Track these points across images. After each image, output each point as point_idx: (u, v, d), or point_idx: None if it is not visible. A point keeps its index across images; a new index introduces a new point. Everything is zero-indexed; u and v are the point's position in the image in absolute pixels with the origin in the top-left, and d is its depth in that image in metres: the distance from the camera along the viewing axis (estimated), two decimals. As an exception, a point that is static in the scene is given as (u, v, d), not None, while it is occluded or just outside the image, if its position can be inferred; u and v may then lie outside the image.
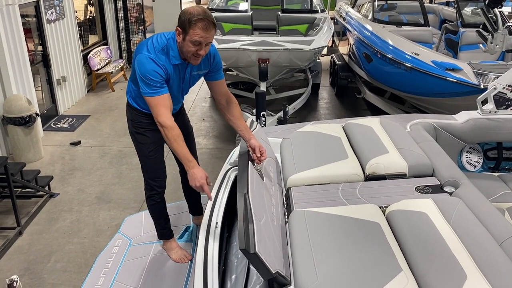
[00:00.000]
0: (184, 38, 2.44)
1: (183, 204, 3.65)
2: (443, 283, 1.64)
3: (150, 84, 2.49)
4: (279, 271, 1.80)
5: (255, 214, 1.92)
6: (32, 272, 3.59)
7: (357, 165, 2.69)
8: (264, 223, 1.99)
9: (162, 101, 2.51)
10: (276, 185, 2.57)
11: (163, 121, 2.48)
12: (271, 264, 1.77)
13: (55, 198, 4.67)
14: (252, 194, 2.07)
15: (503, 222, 2.10)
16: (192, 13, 2.37)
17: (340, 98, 8.08)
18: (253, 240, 1.75)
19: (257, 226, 1.87)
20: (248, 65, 5.96)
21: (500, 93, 3.42)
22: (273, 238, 1.99)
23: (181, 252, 3.16)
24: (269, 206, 2.22)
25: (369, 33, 6.58)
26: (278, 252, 1.94)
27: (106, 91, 8.21)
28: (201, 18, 2.37)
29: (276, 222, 2.17)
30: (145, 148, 2.92)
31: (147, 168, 3.00)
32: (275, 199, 2.38)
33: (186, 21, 2.38)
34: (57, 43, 6.89)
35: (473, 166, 3.61)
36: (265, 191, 2.33)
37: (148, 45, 2.53)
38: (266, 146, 2.90)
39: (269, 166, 2.68)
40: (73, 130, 6.46)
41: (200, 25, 2.38)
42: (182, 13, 2.45)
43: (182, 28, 2.43)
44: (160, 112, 2.50)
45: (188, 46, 2.45)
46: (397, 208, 2.15)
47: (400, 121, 3.37)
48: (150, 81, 2.48)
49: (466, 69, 4.98)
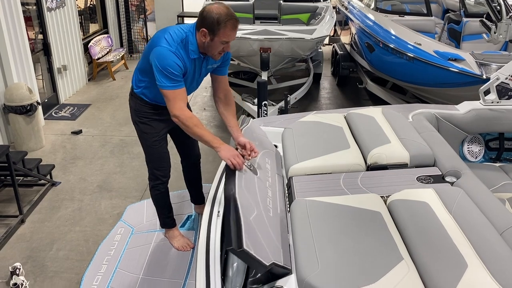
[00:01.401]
0: (212, 39, 2.46)
1: (185, 193, 3.66)
2: (444, 272, 1.65)
3: (170, 77, 2.47)
4: (275, 262, 1.81)
5: (243, 213, 1.92)
6: (34, 260, 3.61)
7: (359, 154, 2.70)
8: (256, 217, 1.99)
9: (180, 95, 2.51)
10: (275, 176, 2.57)
11: (181, 113, 2.48)
12: (264, 257, 1.77)
13: (57, 186, 4.69)
14: (240, 192, 2.08)
15: (504, 212, 2.10)
16: (220, 14, 2.38)
17: (342, 88, 8.06)
18: (240, 238, 1.76)
19: (246, 223, 1.87)
20: (250, 54, 5.93)
21: (502, 84, 3.41)
22: (268, 230, 1.99)
23: (183, 240, 3.18)
24: (263, 199, 2.22)
25: (371, 23, 6.54)
26: (274, 243, 1.94)
27: (107, 80, 8.19)
28: (230, 18, 2.41)
29: (272, 213, 2.17)
30: (149, 138, 2.92)
31: (151, 157, 3.01)
32: (273, 190, 2.37)
33: (215, 22, 2.39)
34: (58, 31, 6.85)
35: (474, 157, 3.62)
36: (259, 184, 2.31)
37: (166, 37, 2.49)
38: (263, 138, 2.90)
39: (265, 158, 2.67)
40: (74, 119, 6.46)
41: (230, 26, 2.42)
42: (206, 13, 2.42)
43: (210, 30, 2.43)
44: (177, 105, 2.49)
45: (216, 46, 2.49)
46: (399, 198, 2.16)
47: (402, 111, 3.37)
48: (171, 74, 2.46)
49: (469, 59, 4.96)
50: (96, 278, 2.93)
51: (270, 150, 2.82)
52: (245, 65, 6.80)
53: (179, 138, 2.92)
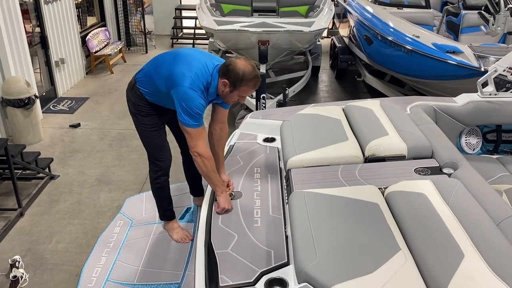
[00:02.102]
0: (231, 91, 2.51)
1: (184, 185, 3.67)
2: (440, 262, 1.67)
3: (195, 117, 2.52)
4: (263, 271, 1.87)
5: (217, 254, 2.00)
6: (34, 252, 3.63)
7: (356, 147, 2.70)
8: (236, 243, 2.07)
9: (202, 133, 2.58)
10: (267, 178, 2.62)
11: (202, 151, 2.56)
12: (247, 275, 1.85)
13: (56, 180, 4.69)
14: (216, 232, 2.16)
15: (500, 203, 2.12)
16: (245, 72, 2.43)
17: (340, 81, 8.05)
18: (216, 278, 1.86)
19: (222, 259, 1.96)
20: (248, 47, 5.92)
21: (500, 76, 3.42)
22: (253, 244, 2.06)
23: (182, 232, 3.20)
24: (249, 215, 2.28)
25: (370, 15, 6.52)
26: (261, 252, 2.00)
27: (105, 73, 8.17)
28: (253, 78, 2.46)
29: (261, 222, 2.22)
30: (148, 129, 2.92)
31: (152, 149, 3.01)
32: (263, 198, 2.42)
33: (239, 79, 2.44)
34: (55, 24, 6.82)
35: (472, 149, 3.63)
36: (242, 204, 2.40)
37: (193, 77, 2.49)
38: (252, 144, 3.02)
39: (254, 168, 2.73)
40: (72, 112, 6.45)
41: (252, 84, 2.49)
42: (232, 67, 2.44)
43: (232, 84, 2.47)
44: (199, 143, 2.56)
45: (233, 97, 2.55)
46: (396, 189, 2.17)
47: (400, 103, 3.37)
48: (197, 115, 2.52)
49: (467, 51, 4.96)
50: (96, 270, 2.95)
51: (262, 157, 2.87)
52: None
53: (179, 129, 2.93)
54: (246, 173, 2.68)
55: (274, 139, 3.09)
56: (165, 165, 3.06)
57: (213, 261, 1.97)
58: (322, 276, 1.66)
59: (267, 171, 2.69)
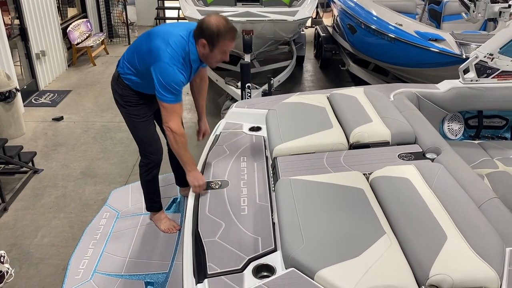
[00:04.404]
0: (211, 49, 2.50)
1: (170, 176, 3.66)
2: (424, 244, 1.70)
3: (173, 93, 2.50)
4: (250, 258, 1.88)
5: (205, 242, 2.00)
6: (19, 247, 3.59)
7: (341, 134, 2.73)
8: (224, 231, 2.08)
9: (178, 109, 2.57)
10: (253, 167, 2.63)
11: (175, 128, 2.54)
12: (235, 263, 1.86)
13: (39, 174, 4.63)
14: (203, 221, 2.16)
15: (482, 186, 2.17)
16: (219, 26, 2.43)
17: (325, 70, 8.08)
18: (204, 266, 1.86)
19: (210, 247, 1.97)
20: (232, 37, 5.88)
21: (481, 62, 3.46)
22: (240, 231, 2.07)
23: (169, 223, 3.19)
24: (236, 203, 2.29)
25: (353, 4, 6.54)
26: (249, 239, 2.01)
27: (87, 66, 8.05)
28: (229, 29, 2.46)
29: (248, 210, 2.23)
30: (138, 119, 2.91)
31: (142, 140, 2.99)
32: (250, 186, 2.43)
33: (215, 35, 2.44)
34: (35, 16, 6.69)
35: (454, 134, 3.69)
36: (229, 194, 2.40)
37: (170, 52, 2.47)
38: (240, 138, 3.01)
39: (240, 157, 2.74)
40: (54, 105, 6.35)
41: (230, 37, 2.48)
42: (206, 25, 2.44)
43: (210, 42, 2.46)
44: (174, 118, 2.54)
45: (215, 56, 2.54)
46: (381, 175, 2.20)
47: (384, 90, 3.40)
48: (175, 90, 2.50)
49: (449, 39, 5.02)
50: (83, 262, 2.93)
51: (248, 146, 2.88)
52: (227, 48, 6.74)
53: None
54: (233, 162, 2.69)
55: (260, 128, 3.10)
56: (157, 158, 3.05)
57: (201, 249, 1.98)
58: (308, 261, 1.68)
59: (253, 160, 2.70)
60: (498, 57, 3.42)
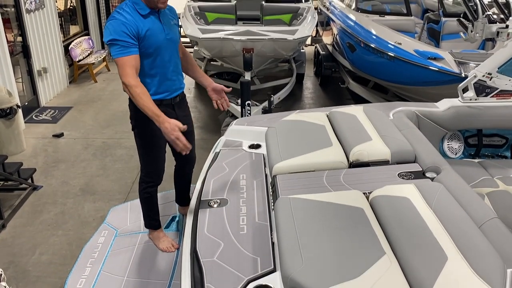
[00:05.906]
0: None
1: (169, 194, 3.65)
2: (424, 265, 1.68)
3: (116, 45, 2.50)
4: (249, 278, 1.86)
5: (204, 262, 1.99)
6: (16, 265, 3.56)
7: (341, 152, 2.72)
8: (222, 251, 2.06)
9: (129, 62, 2.50)
10: (253, 185, 2.62)
11: (128, 80, 2.46)
12: (233, 283, 1.84)
13: (39, 190, 4.62)
14: (201, 241, 2.15)
15: (482, 206, 2.15)
16: None
17: (324, 88, 8.12)
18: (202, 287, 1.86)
19: (208, 268, 1.95)
20: (233, 55, 5.94)
21: (480, 81, 3.48)
22: (239, 251, 2.06)
23: (167, 241, 3.17)
24: (235, 222, 2.27)
25: (352, 23, 6.61)
26: (248, 259, 2.00)
27: (89, 83, 8.10)
28: None
29: (247, 229, 2.22)
30: (149, 139, 2.88)
31: (150, 161, 2.96)
32: (249, 205, 2.42)
33: None
34: (37, 33, 6.76)
35: (454, 153, 3.69)
36: (227, 212, 2.39)
37: (113, 14, 2.59)
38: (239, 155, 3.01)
39: (240, 175, 2.73)
40: (55, 122, 6.37)
41: None
42: None
43: None
44: (126, 71, 2.47)
45: None
46: (380, 194, 2.19)
47: (383, 109, 3.41)
48: (116, 42, 2.49)
49: (448, 58, 5.06)
50: (80, 281, 2.90)
51: (247, 163, 2.88)
52: (228, 65, 6.81)
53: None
54: (232, 180, 2.68)
55: (260, 146, 3.10)
56: (159, 177, 3.04)
57: (199, 269, 1.96)
58: (308, 282, 1.66)
59: (252, 178, 2.69)
60: (496, 76, 3.44)
